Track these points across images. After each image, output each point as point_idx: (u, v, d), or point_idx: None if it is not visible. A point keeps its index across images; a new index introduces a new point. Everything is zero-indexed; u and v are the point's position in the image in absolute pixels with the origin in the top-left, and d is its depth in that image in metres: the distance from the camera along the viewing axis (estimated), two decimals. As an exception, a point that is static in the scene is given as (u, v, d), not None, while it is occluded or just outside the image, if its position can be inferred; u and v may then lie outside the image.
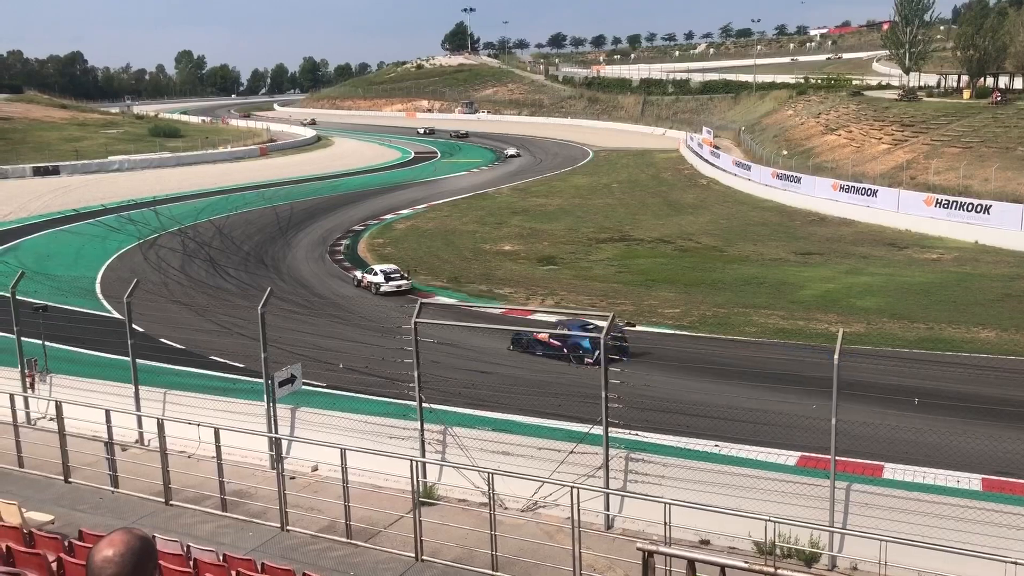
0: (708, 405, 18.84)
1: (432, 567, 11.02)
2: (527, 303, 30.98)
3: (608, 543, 12.03)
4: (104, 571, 2.98)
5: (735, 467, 13.56)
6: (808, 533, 11.71)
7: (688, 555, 6.24)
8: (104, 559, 2.98)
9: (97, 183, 67.96)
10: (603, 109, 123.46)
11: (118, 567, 2.97)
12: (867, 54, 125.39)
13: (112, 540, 3.03)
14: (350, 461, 12.00)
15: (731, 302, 30.58)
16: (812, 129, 71.71)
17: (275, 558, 9.89)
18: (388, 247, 43.33)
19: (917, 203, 44.77)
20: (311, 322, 27.27)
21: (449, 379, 18.14)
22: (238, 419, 14.93)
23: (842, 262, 37.55)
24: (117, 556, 2.99)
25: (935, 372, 21.83)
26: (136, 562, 3.00)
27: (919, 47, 73.71)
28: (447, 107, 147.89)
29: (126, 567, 2.98)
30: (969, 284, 32.53)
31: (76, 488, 13.47)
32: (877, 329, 26.30)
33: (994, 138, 52.78)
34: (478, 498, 12.76)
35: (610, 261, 39.19)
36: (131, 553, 3.01)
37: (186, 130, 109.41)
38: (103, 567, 2.98)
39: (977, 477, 14.37)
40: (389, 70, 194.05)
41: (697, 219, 49.96)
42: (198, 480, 13.10)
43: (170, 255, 40.89)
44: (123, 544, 3.01)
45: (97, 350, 22.08)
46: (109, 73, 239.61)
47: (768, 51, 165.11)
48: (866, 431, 14.97)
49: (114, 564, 2.98)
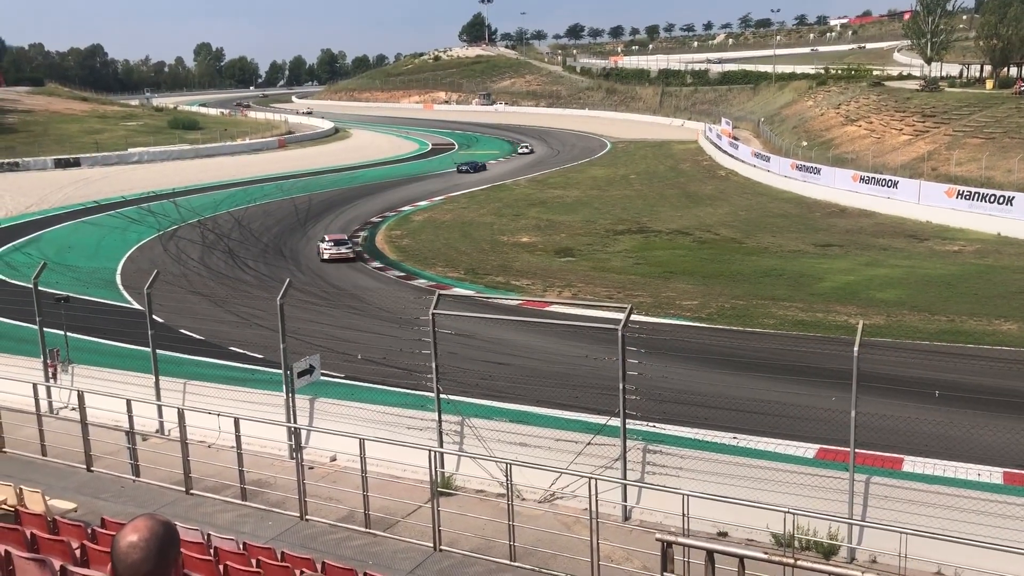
0: (726, 397, 18.77)
1: (450, 556, 11.07)
2: (544, 295, 30.96)
3: (626, 534, 12.03)
4: (129, 556, 3.00)
5: (753, 459, 13.51)
6: (827, 526, 11.67)
7: (708, 546, 6.23)
8: (129, 544, 3.01)
9: (117, 175, 68.45)
10: (621, 100, 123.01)
11: (143, 552, 3.00)
12: (888, 44, 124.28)
13: (136, 526, 3.06)
14: (368, 451, 12.06)
15: (750, 294, 30.43)
16: (832, 120, 71.15)
17: (295, 547, 9.96)
18: (406, 239, 43.40)
19: (938, 194, 44.35)
20: (329, 313, 27.38)
21: (467, 370, 18.16)
22: (257, 409, 15.02)
23: (862, 254, 37.27)
24: (142, 541, 3.01)
25: (956, 365, 21.64)
26: (160, 547, 3.03)
27: (941, 36, 72.99)
28: (464, 98, 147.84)
29: (151, 552, 3.00)
30: (991, 276, 32.21)
31: (98, 476, 13.61)
32: (897, 321, 26.10)
33: (1017, 128, 52.17)
34: (496, 489, 12.79)
35: (628, 253, 39.07)
36: (155, 538, 3.03)
37: (205, 122, 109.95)
38: (128, 552, 3.00)
39: (999, 471, 14.23)
40: (407, 62, 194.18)
41: (716, 211, 49.72)
42: (218, 469, 13.21)
43: (189, 247, 41.15)
44: (147, 530, 3.04)
45: (118, 340, 22.26)
46: (129, 66, 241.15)
47: (788, 41, 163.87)
48: (886, 424, 14.85)
49: (139, 549, 3.00)
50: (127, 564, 2.99)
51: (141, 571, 2.99)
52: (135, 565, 2.99)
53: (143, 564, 2.98)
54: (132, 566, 2.99)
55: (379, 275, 35.53)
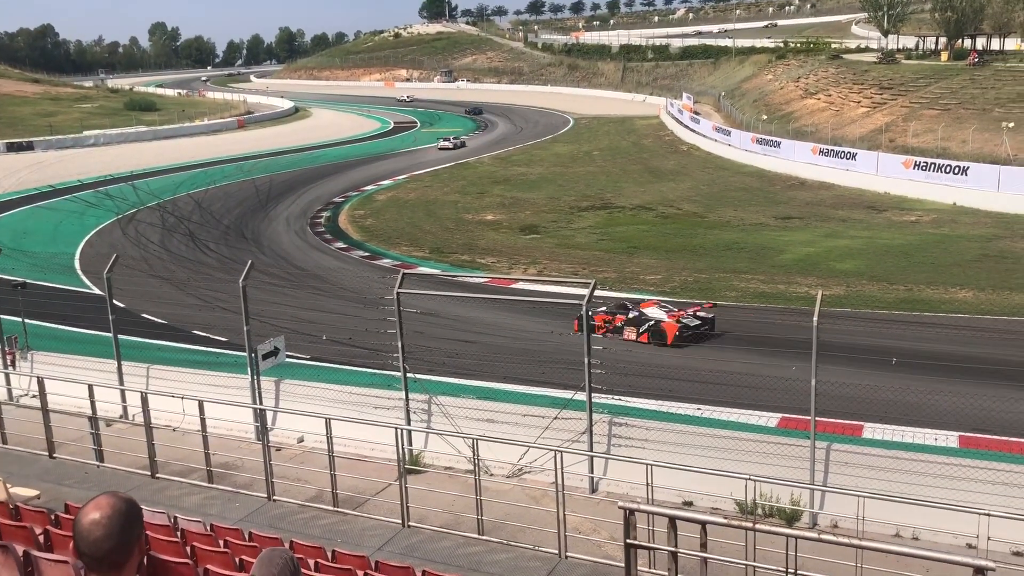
0: (690, 369, 19.01)
1: (419, 532, 11.14)
2: (510, 272, 31.02)
3: (593, 506, 12.19)
4: (92, 534, 2.98)
5: (717, 429, 13.74)
6: (789, 492, 11.90)
7: (669, 512, 6.36)
8: (92, 522, 2.99)
9: (73, 158, 67.13)
10: (583, 76, 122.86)
11: (106, 529, 2.98)
12: (846, 17, 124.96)
13: (98, 503, 3.04)
14: (336, 431, 12.06)
15: (712, 267, 30.74)
16: (791, 93, 71.67)
17: (263, 527, 9.96)
18: (369, 218, 43.15)
19: (896, 166, 44.99)
20: (293, 294, 27.21)
21: (433, 349, 18.17)
22: (223, 393, 14.95)
23: (822, 226, 37.76)
24: (104, 519, 3.00)
25: (913, 332, 22.09)
26: (123, 524, 3.02)
27: (897, 9, 73.70)
28: (426, 76, 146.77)
29: (113, 529, 2.99)
30: (947, 245, 32.82)
31: (61, 463, 13.47)
32: (856, 291, 26.53)
33: (971, 100, 52.98)
34: (464, 465, 12.86)
35: (592, 229, 39.22)
36: (118, 515, 3.02)
37: (162, 103, 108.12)
38: (91, 530, 2.99)
39: (954, 434, 14.62)
40: (366, 39, 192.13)
41: (678, 185, 50.01)
42: (184, 453, 13.13)
43: (149, 230, 40.58)
44: (109, 507, 3.03)
45: (78, 326, 21.97)
46: (81, 46, 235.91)
47: (747, 15, 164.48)
48: (846, 392, 15.14)
49: (101, 527, 2.98)
50: (89, 542, 2.98)
51: (103, 548, 2.97)
52: (97, 542, 2.97)
53: (105, 541, 2.97)
54: (94, 543, 2.97)
55: (343, 255, 35.33)
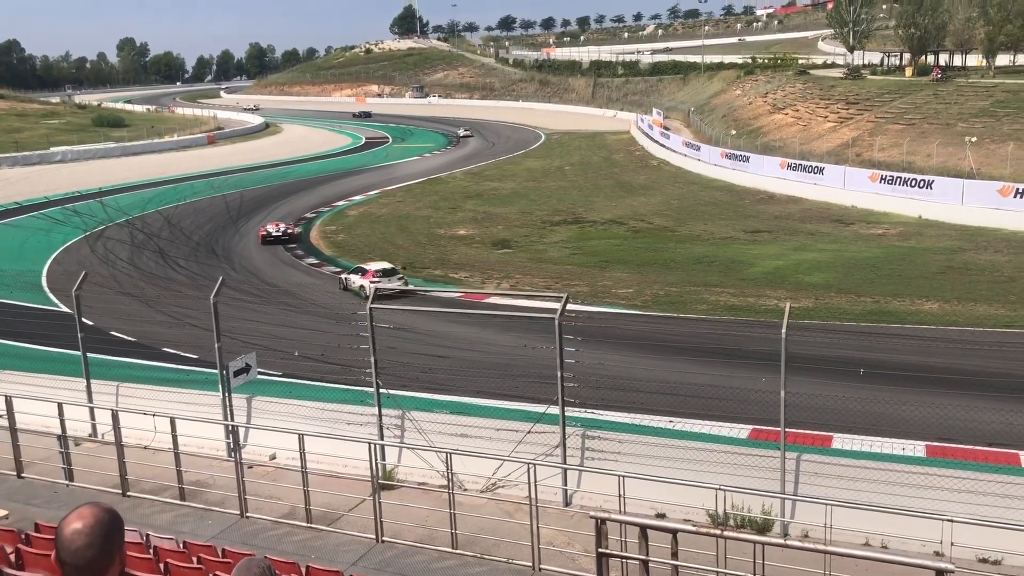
0: (662, 382, 19.13)
1: (393, 547, 11.12)
2: (483, 287, 31.07)
3: (567, 519, 12.23)
4: (74, 543, 3.01)
5: (689, 441, 13.84)
6: (760, 503, 12.03)
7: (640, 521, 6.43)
8: (74, 531, 3.02)
9: (39, 175, 66.39)
10: (554, 92, 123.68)
11: (88, 538, 3.01)
12: (812, 33, 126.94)
13: (80, 513, 3.07)
14: (309, 447, 12.02)
15: (683, 281, 30.99)
16: (760, 108, 72.59)
17: (236, 544, 9.91)
18: (341, 234, 43.06)
19: (863, 179, 45.67)
20: (265, 311, 27.07)
21: (406, 364, 18.16)
22: (194, 410, 14.82)
23: (790, 239, 38.21)
24: (86, 528, 3.03)
25: (880, 344, 22.40)
26: (105, 533, 3.05)
27: (862, 26, 75.06)
28: (397, 91, 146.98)
29: (95, 538, 3.02)
30: (913, 258, 33.34)
31: (30, 483, 13.30)
32: (825, 303, 26.87)
33: (935, 115, 53.97)
34: (438, 481, 12.87)
35: (564, 243, 39.41)
36: (100, 525, 3.05)
37: (131, 119, 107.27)
38: (73, 539, 3.02)
39: (921, 444, 14.82)
40: (337, 55, 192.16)
41: (649, 200, 50.39)
42: (155, 471, 13.03)
43: (118, 247, 40.19)
44: (92, 516, 3.06)
45: (46, 345, 21.69)
46: (48, 62, 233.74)
47: (716, 31, 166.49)
48: (816, 403, 15.33)
49: (84, 536, 3.01)
50: (71, 551, 3.00)
51: (85, 557, 3.00)
52: (79, 551, 3.00)
53: (87, 550, 3.00)
54: (76, 552, 3.00)
55: (315, 271, 35.23)
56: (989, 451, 14.32)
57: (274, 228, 40.82)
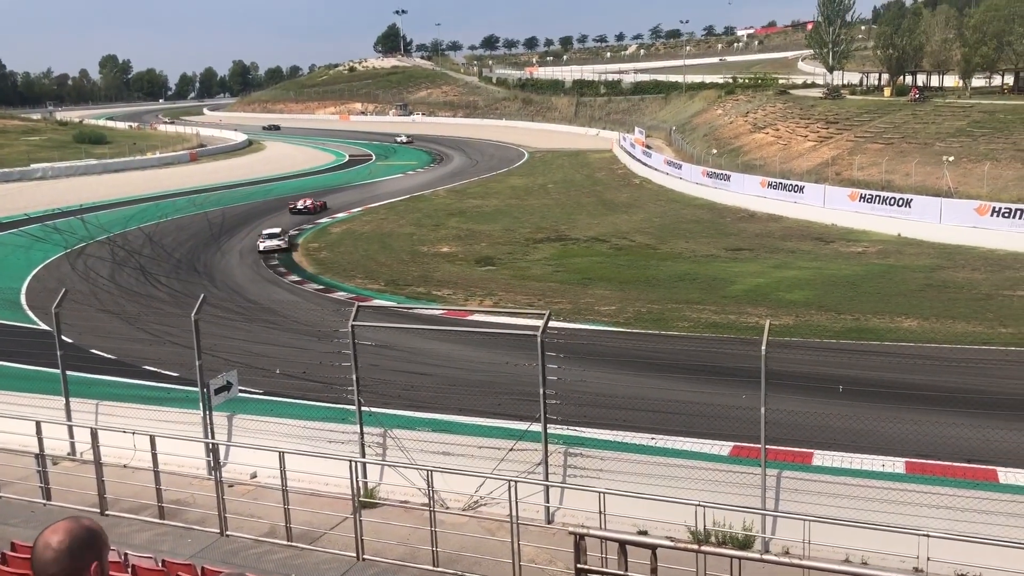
0: (643, 399, 19.18)
1: (375, 565, 11.08)
2: (466, 304, 31.08)
3: (549, 537, 12.22)
4: (42, 556, 3.09)
5: (671, 458, 13.87)
6: (741, 519, 12.07)
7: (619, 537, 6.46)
8: (44, 544, 3.11)
9: (19, 192, 65.99)
10: (537, 110, 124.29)
11: (54, 554, 3.09)
12: (792, 53, 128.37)
13: (56, 527, 3.14)
14: (290, 465, 11.98)
15: (665, 298, 31.12)
16: (741, 128, 73.24)
17: (215, 563, 9.84)
18: (324, 251, 43.00)
19: (842, 198, 46.10)
20: (246, 328, 26.97)
21: (388, 381, 18.14)
22: (174, 429, 14.74)
23: (771, 257, 38.47)
24: (56, 543, 3.11)
25: (860, 361, 22.55)
26: (73, 549, 3.10)
27: (842, 46, 75.97)
28: (381, 109, 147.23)
29: (62, 554, 3.09)
30: (893, 276, 33.63)
31: (6, 503, 13.17)
32: (805, 321, 27.04)
33: (913, 134, 54.65)
34: (419, 499, 12.84)
35: (547, 261, 39.51)
36: (70, 540, 3.11)
37: (113, 136, 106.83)
38: (42, 552, 3.10)
39: (901, 460, 14.91)
40: (321, 73, 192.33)
41: (631, 218, 50.65)
42: (135, 490, 12.94)
43: (99, 264, 39.95)
44: (65, 531, 3.12)
45: (24, 363, 21.49)
46: (29, 78, 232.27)
47: (697, 51, 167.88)
48: (796, 420, 15.41)
49: (51, 550, 3.09)
50: (39, 563, 3.10)
51: (49, 571, 3.07)
52: (45, 565, 3.08)
53: (52, 565, 3.07)
54: (43, 565, 3.09)
55: (297, 288, 35.12)
56: (967, 467, 14.41)
57: (302, 203, 54.12)
